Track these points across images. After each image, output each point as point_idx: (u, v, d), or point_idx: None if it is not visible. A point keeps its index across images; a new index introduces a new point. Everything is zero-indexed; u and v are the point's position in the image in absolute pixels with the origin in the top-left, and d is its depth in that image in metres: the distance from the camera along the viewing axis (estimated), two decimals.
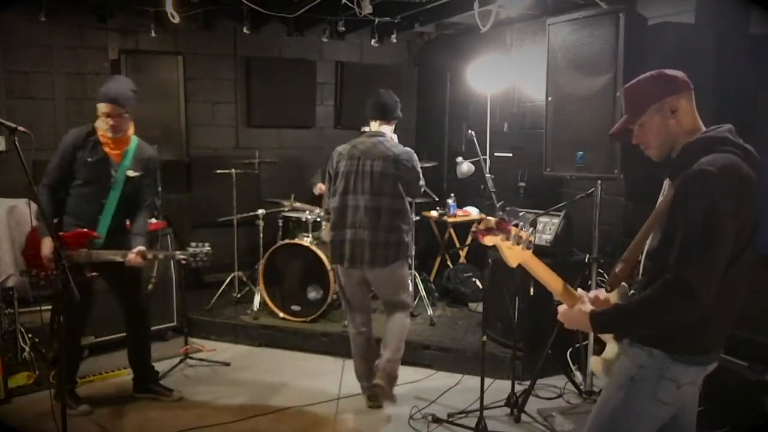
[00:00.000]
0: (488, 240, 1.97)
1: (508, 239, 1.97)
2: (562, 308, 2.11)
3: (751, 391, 3.08)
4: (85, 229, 3.53)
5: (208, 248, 3.58)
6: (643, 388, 1.95)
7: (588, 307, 2.02)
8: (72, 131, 3.61)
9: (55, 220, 3.56)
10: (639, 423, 1.98)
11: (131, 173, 3.64)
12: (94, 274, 3.55)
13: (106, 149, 3.58)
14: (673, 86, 1.96)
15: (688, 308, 1.77)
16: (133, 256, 3.51)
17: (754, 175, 1.85)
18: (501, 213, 3.67)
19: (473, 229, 2.03)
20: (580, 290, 2.13)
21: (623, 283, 2.09)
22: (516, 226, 1.99)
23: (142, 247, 3.55)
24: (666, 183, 2.02)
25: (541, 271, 2.09)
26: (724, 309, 1.89)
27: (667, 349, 1.92)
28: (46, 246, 3.46)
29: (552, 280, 2.10)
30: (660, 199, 2.05)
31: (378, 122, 3.81)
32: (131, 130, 3.68)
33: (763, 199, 1.90)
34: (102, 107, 3.51)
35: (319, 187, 5.60)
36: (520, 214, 4.28)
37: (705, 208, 1.76)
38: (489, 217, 1.96)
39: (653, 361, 1.93)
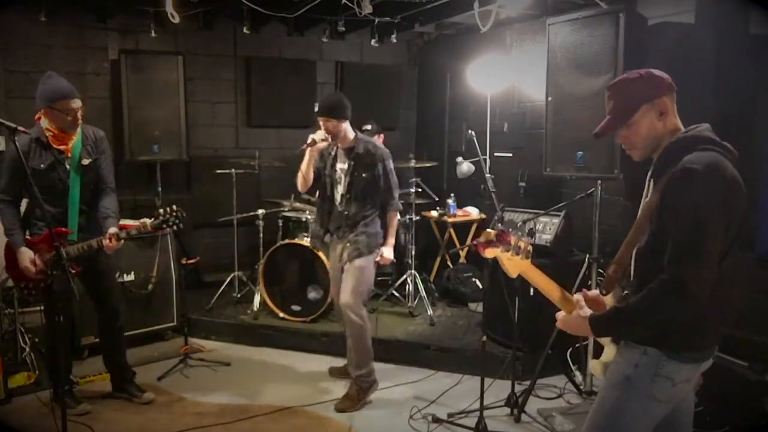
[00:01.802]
0: (489, 253, 1.97)
1: (507, 250, 1.97)
2: (560, 315, 2.10)
3: (751, 391, 3.08)
4: (52, 229, 3.48)
5: (175, 207, 3.54)
6: (638, 386, 1.96)
7: (586, 311, 2.01)
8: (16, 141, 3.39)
9: (28, 232, 3.57)
10: (636, 421, 1.99)
11: (85, 161, 3.59)
12: (77, 269, 3.55)
13: (57, 147, 3.52)
14: (663, 87, 1.97)
15: (686, 306, 1.78)
16: (108, 241, 3.48)
17: (737, 173, 1.86)
18: (500, 225, 3.69)
19: (474, 242, 2.03)
20: (576, 295, 2.12)
21: (618, 286, 2.09)
22: (515, 235, 1.99)
23: (113, 229, 3.51)
24: (649, 183, 2.03)
25: (540, 280, 2.09)
26: (716, 306, 1.89)
27: (661, 347, 1.93)
28: (24, 257, 3.43)
29: (550, 289, 2.10)
30: (643, 199, 2.05)
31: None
32: None
33: (761, 199, 1.91)
34: (72, 103, 3.44)
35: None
36: (519, 224, 4.27)
37: (693, 205, 1.78)
38: (489, 230, 1.97)
39: (648, 359, 1.94)
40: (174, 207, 3.54)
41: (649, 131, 1.97)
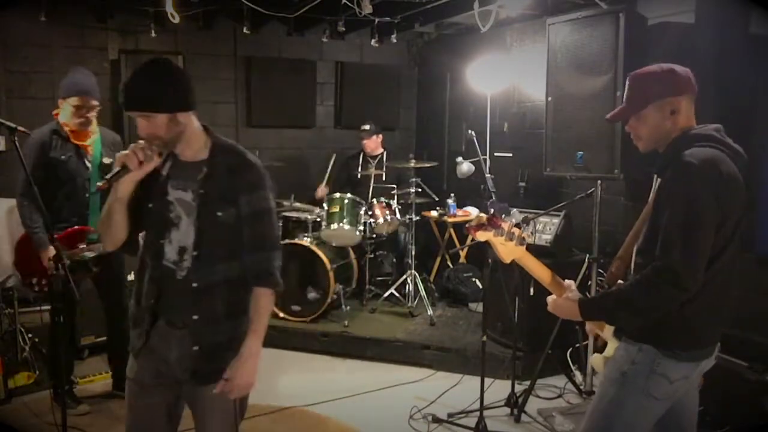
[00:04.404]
0: (480, 236, 1.99)
1: (501, 235, 1.98)
2: (551, 298, 2.13)
3: (751, 391, 3.08)
4: (75, 227, 3.49)
5: None
6: (635, 383, 1.98)
7: (576, 295, 2.05)
8: (34, 133, 3.46)
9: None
10: (633, 418, 2.01)
11: (107, 160, 3.60)
12: (95, 270, 3.55)
13: (76, 142, 3.53)
14: (680, 87, 1.98)
15: (675, 294, 1.80)
16: None
17: (737, 171, 1.88)
18: (491, 209, 3.67)
19: (466, 225, 2.04)
20: (567, 280, 2.14)
21: (619, 281, 2.10)
22: (507, 221, 2.01)
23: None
24: (655, 180, 2.06)
25: (533, 265, 2.12)
26: (711, 305, 1.91)
27: (657, 344, 1.94)
28: (47, 255, 3.33)
29: (543, 274, 2.13)
30: (651, 197, 2.07)
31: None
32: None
33: (762, 199, 1.91)
34: (74, 101, 3.46)
35: (321, 190, 5.66)
36: (512, 210, 4.27)
37: (686, 196, 1.81)
38: (481, 214, 1.98)
39: (643, 356, 1.96)
40: None
41: (656, 127, 1.99)
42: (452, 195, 6.02)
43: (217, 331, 2.03)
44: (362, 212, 5.15)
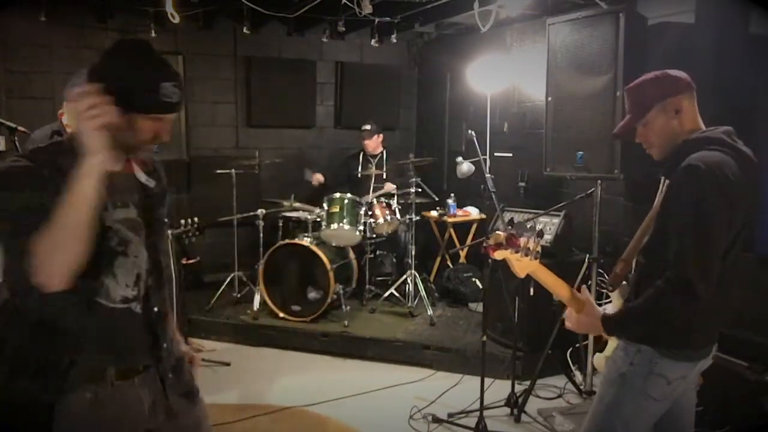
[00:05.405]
0: (498, 255, 1.97)
1: (517, 252, 1.98)
2: (570, 315, 2.09)
3: (751, 391, 3.08)
4: None
5: (195, 219, 3.55)
6: (633, 384, 1.98)
7: (598, 312, 2.02)
8: (36, 133, 3.32)
9: None
10: (632, 419, 2.01)
11: None
12: None
13: None
14: (678, 86, 1.99)
15: (692, 303, 1.80)
16: None
17: (742, 175, 1.87)
18: (509, 228, 3.65)
19: (483, 245, 2.02)
20: (585, 291, 2.09)
21: (624, 282, 2.11)
22: (524, 237, 1.99)
23: None
24: (663, 183, 2.05)
25: (549, 279, 2.08)
26: (712, 306, 1.91)
27: (654, 345, 1.95)
28: None
29: (559, 288, 2.08)
30: (657, 198, 2.07)
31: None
32: None
33: (763, 199, 1.91)
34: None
35: (316, 177, 5.66)
36: (528, 225, 4.25)
37: (695, 202, 1.80)
38: (498, 232, 1.96)
39: (642, 357, 1.97)
40: (195, 219, 3.52)
41: (664, 130, 1.99)
42: (452, 195, 6.03)
43: (173, 344, 1.83)
44: (362, 212, 5.15)
